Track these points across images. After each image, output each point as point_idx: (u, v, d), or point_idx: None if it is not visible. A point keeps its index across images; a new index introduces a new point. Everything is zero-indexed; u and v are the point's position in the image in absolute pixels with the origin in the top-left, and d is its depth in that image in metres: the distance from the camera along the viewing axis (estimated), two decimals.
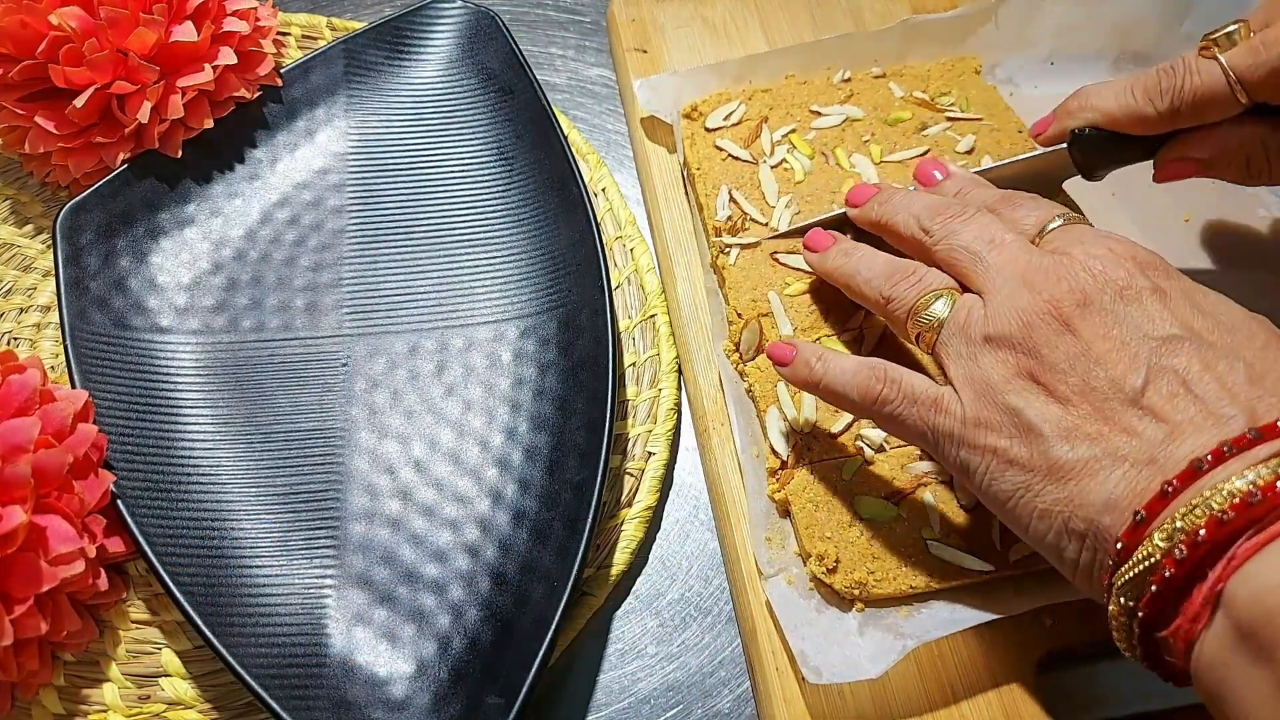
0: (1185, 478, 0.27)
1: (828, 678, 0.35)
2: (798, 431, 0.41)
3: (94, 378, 0.41)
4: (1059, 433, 0.30)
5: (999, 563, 0.37)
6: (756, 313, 0.44)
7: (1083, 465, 0.29)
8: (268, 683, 0.34)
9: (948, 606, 0.37)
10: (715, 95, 0.52)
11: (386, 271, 0.48)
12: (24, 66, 0.45)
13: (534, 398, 0.44)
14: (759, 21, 0.57)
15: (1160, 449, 0.28)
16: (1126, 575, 0.27)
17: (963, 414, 0.32)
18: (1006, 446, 0.31)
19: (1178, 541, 0.26)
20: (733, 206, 0.47)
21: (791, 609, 0.37)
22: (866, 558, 0.38)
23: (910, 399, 0.34)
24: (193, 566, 0.38)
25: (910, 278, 0.36)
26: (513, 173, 0.51)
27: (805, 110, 0.51)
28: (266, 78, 0.51)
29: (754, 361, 0.43)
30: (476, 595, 0.39)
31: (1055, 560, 0.31)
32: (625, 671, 0.40)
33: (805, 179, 0.48)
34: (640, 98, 0.52)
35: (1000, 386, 0.31)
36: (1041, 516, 0.30)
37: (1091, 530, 0.29)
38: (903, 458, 0.40)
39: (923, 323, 0.35)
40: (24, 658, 0.36)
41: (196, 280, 0.47)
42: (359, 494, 0.41)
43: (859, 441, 0.40)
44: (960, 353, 0.33)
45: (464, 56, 0.54)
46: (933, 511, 0.39)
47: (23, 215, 0.51)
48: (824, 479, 0.40)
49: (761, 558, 0.39)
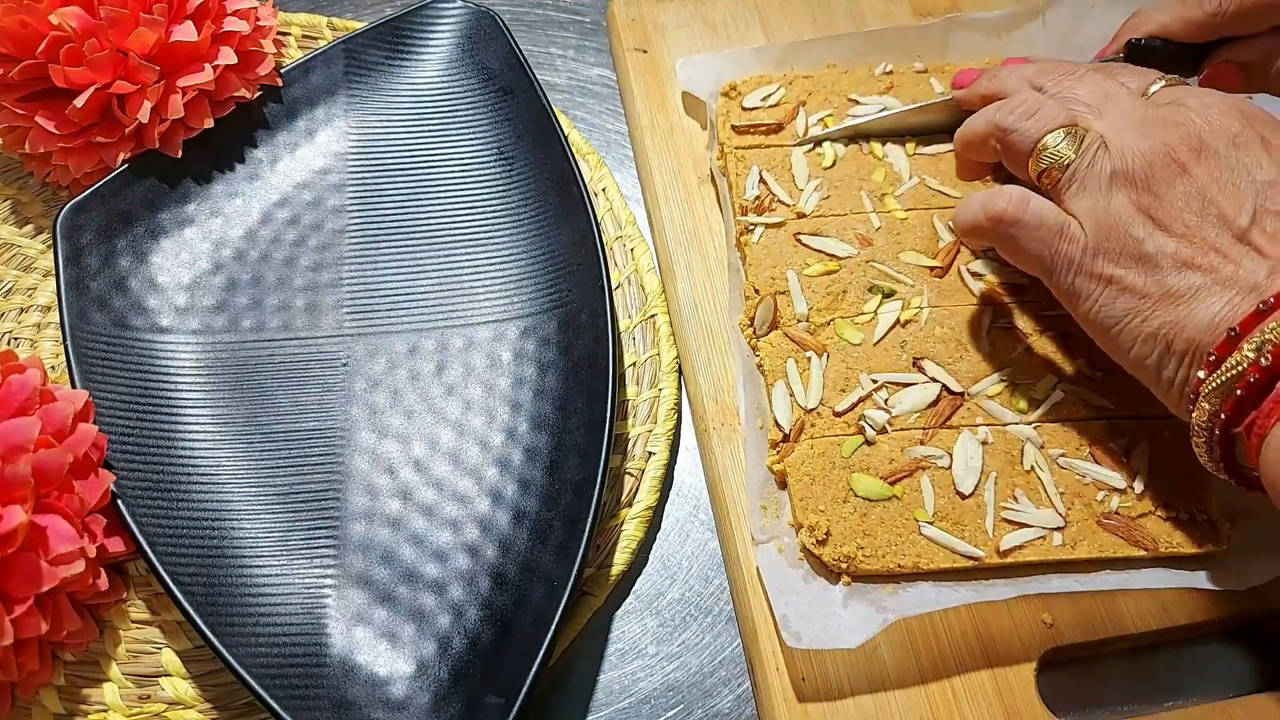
0: (1278, 300, 0.31)
1: (807, 643, 0.36)
2: (803, 407, 0.41)
3: (94, 378, 0.41)
4: (1174, 263, 0.33)
5: (989, 551, 0.38)
6: (773, 290, 0.44)
7: (1192, 292, 0.33)
8: (268, 683, 0.34)
9: (933, 588, 0.38)
10: (755, 77, 0.52)
11: (386, 271, 0.48)
12: (24, 66, 0.45)
13: (534, 397, 0.44)
14: (759, 21, 0.57)
15: (1261, 278, 0.32)
16: (1214, 383, 0.31)
17: (1085, 243, 0.35)
18: (1123, 275, 0.34)
19: (1265, 350, 0.30)
20: (761, 187, 0.48)
21: (779, 574, 0.38)
22: (858, 533, 0.38)
23: (1039, 221, 0.36)
24: (193, 566, 0.38)
25: (1030, 108, 0.38)
26: (513, 173, 0.51)
27: (844, 98, 0.51)
28: (267, 77, 0.51)
29: (767, 337, 0.43)
30: (476, 595, 0.39)
31: (1152, 380, 0.35)
32: (625, 671, 0.40)
33: (836, 164, 0.49)
34: (680, 75, 0.52)
35: (1124, 220, 0.34)
36: (1146, 340, 0.34)
37: (1191, 348, 0.33)
38: (904, 441, 0.40)
39: (1047, 160, 0.37)
40: (24, 658, 0.36)
41: (196, 280, 0.47)
42: (359, 494, 0.41)
43: (862, 421, 0.41)
44: (1086, 188, 0.36)
45: (464, 56, 0.54)
46: (928, 495, 0.39)
47: (23, 215, 0.51)
48: (824, 454, 0.40)
49: (755, 524, 0.39)
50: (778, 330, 0.43)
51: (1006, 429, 0.41)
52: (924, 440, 0.40)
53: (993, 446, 0.40)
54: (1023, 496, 0.39)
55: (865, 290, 0.44)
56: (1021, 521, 0.38)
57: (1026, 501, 0.39)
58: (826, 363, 0.42)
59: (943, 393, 0.41)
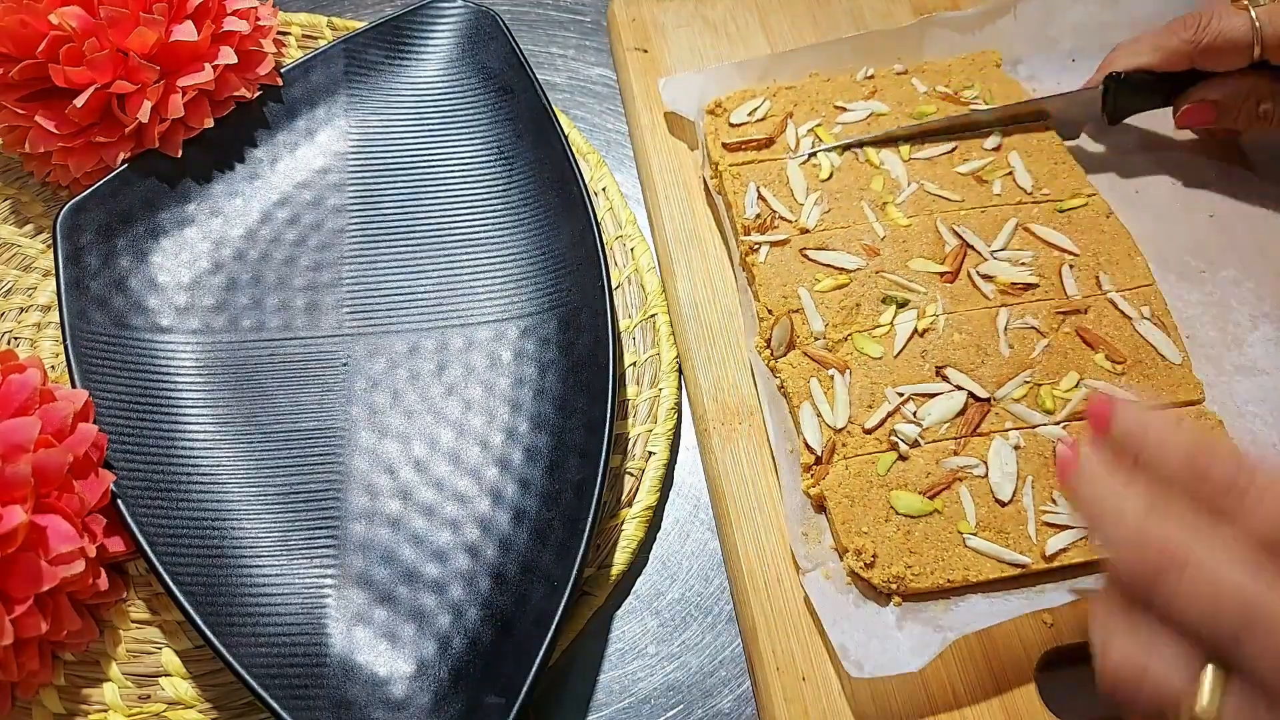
0: None
1: (870, 671, 0.35)
2: (831, 427, 0.41)
3: (94, 377, 0.41)
4: None
5: (1035, 557, 0.38)
6: (787, 309, 0.44)
7: None
8: (268, 683, 0.34)
9: (985, 599, 0.37)
10: (739, 93, 0.52)
11: (386, 271, 0.48)
12: (24, 66, 0.45)
13: (534, 397, 0.44)
14: (759, 21, 0.57)
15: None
16: None
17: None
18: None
19: None
20: (761, 204, 0.48)
21: (831, 603, 0.37)
22: (904, 552, 0.38)
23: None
24: (193, 566, 0.37)
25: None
26: (513, 172, 0.51)
27: (830, 106, 0.51)
28: (267, 77, 0.51)
29: (786, 358, 0.43)
30: (476, 595, 0.39)
31: None
32: (625, 671, 0.40)
33: (833, 175, 0.48)
34: (665, 96, 0.52)
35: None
36: None
37: None
38: (937, 453, 0.40)
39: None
40: (24, 657, 0.36)
41: (196, 280, 0.47)
42: (359, 493, 0.41)
43: (893, 436, 0.40)
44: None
45: (464, 56, 0.54)
46: (969, 506, 0.39)
47: (23, 215, 0.51)
48: (859, 474, 0.40)
49: (799, 553, 0.39)
50: (796, 350, 0.43)
51: (1036, 431, 0.40)
52: (957, 450, 0.40)
53: (1025, 450, 0.40)
54: (1060, 498, 0.39)
55: (879, 302, 0.44)
56: (1062, 524, 0.38)
57: (1065, 503, 0.39)
58: (850, 379, 0.42)
59: (969, 400, 0.41)
